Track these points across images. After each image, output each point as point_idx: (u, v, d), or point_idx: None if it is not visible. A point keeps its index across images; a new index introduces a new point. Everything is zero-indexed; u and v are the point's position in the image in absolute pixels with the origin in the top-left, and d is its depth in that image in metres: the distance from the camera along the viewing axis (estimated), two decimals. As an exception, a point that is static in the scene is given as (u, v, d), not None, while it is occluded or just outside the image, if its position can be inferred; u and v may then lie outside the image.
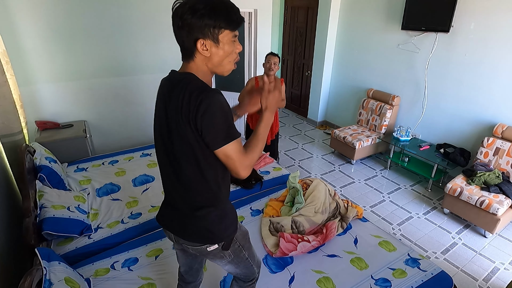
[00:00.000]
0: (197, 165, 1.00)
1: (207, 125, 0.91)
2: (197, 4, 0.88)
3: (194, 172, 1.01)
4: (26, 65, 2.75)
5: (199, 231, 1.10)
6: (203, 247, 1.12)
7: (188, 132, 0.93)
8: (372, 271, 1.74)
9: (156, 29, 3.31)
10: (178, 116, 0.93)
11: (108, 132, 3.44)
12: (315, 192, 2.16)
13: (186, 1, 0.90)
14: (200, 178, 1.02)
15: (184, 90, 0.93)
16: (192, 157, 0.98)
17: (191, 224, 1.10)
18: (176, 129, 0.96)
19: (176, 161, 1.02)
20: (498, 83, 2.89)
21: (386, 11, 3.71)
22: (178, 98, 0.93)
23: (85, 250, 1.82)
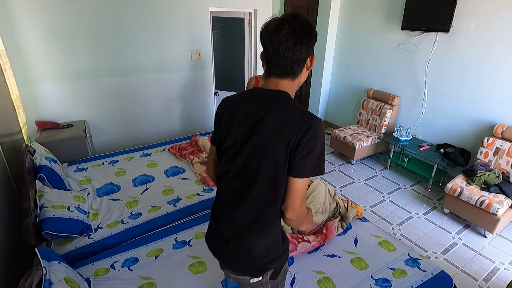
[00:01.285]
0: (273, 187, 0.95)
1: (307, 151, 0.89)
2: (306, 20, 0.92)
3: (267, 194, 0.97)
4: (26, 65, 2.75)
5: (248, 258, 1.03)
6: (244, 278, 1.06)
7: (280, 151, 0.90)
8: (372, 271, 1.74)
9: (156, 29, 3.31)
10: (274, 134, 0.90)
11: (108, 132, 3.44)
12: (315, 192, 2.16)
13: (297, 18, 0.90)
14: (270, 201, 0.98)
15: (290, 109, 0.92)
16: (271, 177, 0.94)
17: (242, 249, 1.03)
18: (263, 146, 0.92)
19: (249, 179, 0.97)
20: (498, 83, 2.89)
21: (386, 11, 3.71)
22: (277, 115, 0.91)
23: (85, 250, 1.81)
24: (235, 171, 1.00)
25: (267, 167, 0.93)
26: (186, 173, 2.66)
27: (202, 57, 3.75)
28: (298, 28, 0.89)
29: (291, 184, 0.94)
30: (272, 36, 0.89)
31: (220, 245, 1.10)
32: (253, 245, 1.02)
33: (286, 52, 0.90)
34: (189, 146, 3.07)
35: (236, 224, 1.03)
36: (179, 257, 1.79)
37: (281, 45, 0.89)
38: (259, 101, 0.97)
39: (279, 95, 0.95)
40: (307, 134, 0.88)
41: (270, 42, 0.90)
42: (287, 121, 0.90)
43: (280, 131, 0.90)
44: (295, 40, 0.89)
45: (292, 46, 0.89)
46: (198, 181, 2.54)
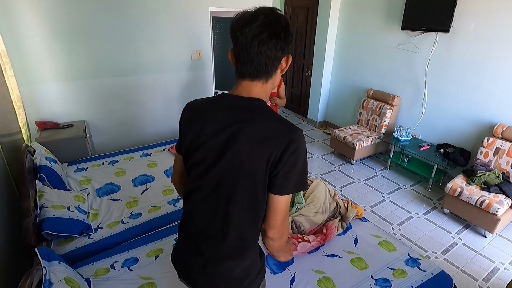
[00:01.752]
0: (253, 206, 0.87)
1: (289, 167, 0.82)
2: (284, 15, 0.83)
3: (247, 214, 0.88)
4: (26, 65, 2.75)
5: (231, 284, 0.95)
6: None
7: (260, 168, 0.82)
8: (372, 271, 1.74)
9: (156, 29, 3.31)
10: (253, 149, 0.81)
11: (108, 132, 3.44)
12: (315, 192, 2.16)
13: (273, 11, 0.82)
14: (250, 222, 0.90)
15: (268, 121, 0.84)
16: (251, 196, 0.86)
17: (221, 276, 0.94)
18: (241, 162, 0.83)
19: (225, 198, 0.88)
20: (498, 83, 2.89)
21: (386, 11, 3.71)
22: (254, 128, 0.83)
23: (85, 250, 1.81)
24: (208, 189, 0.90)
25: (245, 185, 0.85)
26: (186, 173, 2.66)
27: (202, 57, 3.74)
28: (275, 21, 0.80)
29: (273, 202, 0.86)
30: (245, 28, 0.79)
31: (195, 272, 0.97)
32: (232, 268, 0.93)
33: (260, 46, 0.80)
34: (189, 146, 3.06)
35: (213, 248, 0.93)
36: (179, 257, 1.79)
37: (255, 38, 0.79)
38: (232, 112, 0.86)
39: (254, 104, 0.86)
40: (289, 149, 0.80)
41: (242, 34, 0.79)
42: (266, 135, 0.81)
43: (259, 146, 0.81)
44: (271, 32, 0.79)
45: (267, 40, 0.79)
46: (198, 181, 2.54)
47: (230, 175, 0.85)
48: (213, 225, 0.91)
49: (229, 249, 0.92)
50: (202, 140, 0.88)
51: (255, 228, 0.92)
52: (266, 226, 0.90)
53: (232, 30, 0.82)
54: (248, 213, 0.89)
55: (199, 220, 0.95)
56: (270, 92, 0.92)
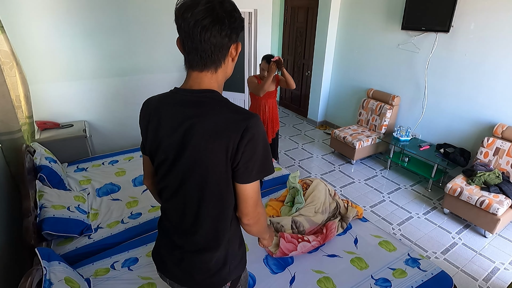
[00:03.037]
0: (218, 200, 0.87)
1: (248, 155, 0.80)
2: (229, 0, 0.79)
3: (214, 208, 0.88)
4: (27, 65, 2.75)
5: (203, 274, 0.96)
6: None
7: (219, 161, 0.80)
8: (372, 271, 1.74)
9: (156, 30, 3.31)
10: (208, 143, 0.79)
11: (108, 132, 3.44)
12: (315, 192, 2.16)
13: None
14: (218, 214, 0.90)
15: (220, 112, 0.81)
16: (215, 190, 0.85)
17: (197, 268, 0.95)
18: (200, 159, 0.81)
19: (191, 195, 0.87)
20: (498, 83, 2.89)
21: (386, 11, 3.71)
22: (208, 121, 0.80)
23: (85, 250, 1.81)
24: (174, 187, 0.89)
25: (208, 180, 0.84)
26: (186, 173, 2.66)
27: (202, 57, 3.74)
28: (218, 6, 0.75)
29: (240, 191, 0.85)
30: (187, 13, 0.74)
31: (172, 265, 0.99)
32: (208, 260, 0.93)
33: (203, 33, 0.75)
34: (189, 146, 3.06)
35: (187, 242, 0.94)
36: (179, 257, 1.78)
37: (197, 24, 0.74)
38: (184, 106, 0.83)
39: (206, 96, 0.83)
40: (245, 137, 0.78)
41: (184, 20, 0.75)
42: (220, 127, 0.79)
43: (214, 139, 0.79)
44: (214, 18, 0.74)
45: (210, 26, 0.74)
46: (198, 181, 2.54)
47: (191, 172, 0.84)
48: (185, 221, 0.92)
49: (203, 242, 0.93)
50: (160, 139, 0.87)
51: (224, 219, 0.91)
52: (240, 214, 0.91)
53: (175, 16, 0.77)
54: (214, 207, 0.89)
55: (171, 217, 0.97)
56: (223, 82, 0.89)
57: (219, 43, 0.78)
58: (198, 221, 0.90)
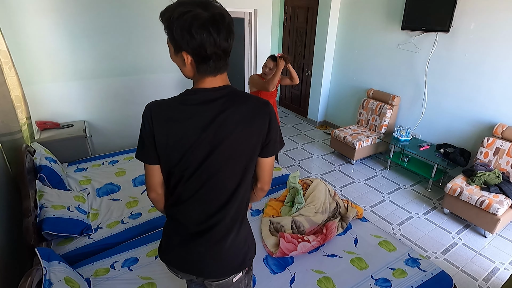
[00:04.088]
0: (246, 179, 0.96)
1: (273, 133, 0.94)
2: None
3: (245, 190, 0.98)
4: (27, 65, 2.75)
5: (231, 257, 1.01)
6: (229, 279, 1.02)
7: (255, 143, 0.92)
8: (372, 271, 1.74)
9: (156, 29, 3.30)
10: (243, 130, 0.88)
11: (108, 132, 3.44)
12: (315, 192, 2.16)
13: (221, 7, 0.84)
14: (245, 194, 0.99)
15: (245, 102, 0.91)
16: (250, 172, 0.96)
17: (223, 251, 0.98)
18: (236, 145, 0.89)
19: (223, 184, 0.93)
20: (498, 83, 2.89)
21: (386, 11, 3.71)
22: (240, 111, 0.88)
23: (85, 250, 1.82)
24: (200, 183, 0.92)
25: (245, 165, 0.94)
26: (186, 173, 2.66)
27: (202, 57, 3.74)
28: (228, 19, 0.84)
29: (266, 164, 0.98)
30: (213, 28, 0.79)
31: (198, 258, 0.99)
32: (234, 241, 1.00)
33: (229, 42, 0.85)
34: (189, 146, 3.06)
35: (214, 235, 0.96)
36: (179, 257, 1.78)
37: (224, 36, 0.82)
38: (210, 104, 0.87)
39: (228, 91, 0.90)
40: (271, 119, 0.92)
41: (209, 34, 0.79)
42: (251, 114, 0.90)
43: (249, 126, 0.89)
44: (229, 31, 0.83)
45: (231, 37, 0.85)
46: (198, 181, 2.54)
47: (226, 163, 0.91)
48: (209, 213, 0.95)
49: (227, 228, 0.98)
50: (186, 142, 0.87)
51: (247, 198, 1.02)
52: (262, 183, 1.02)
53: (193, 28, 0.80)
54: (246, 189, 0.99)
55: (191, 213, 0.97)
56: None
57: (230, 48, 0.88)
58: (226, 208, 0.95)
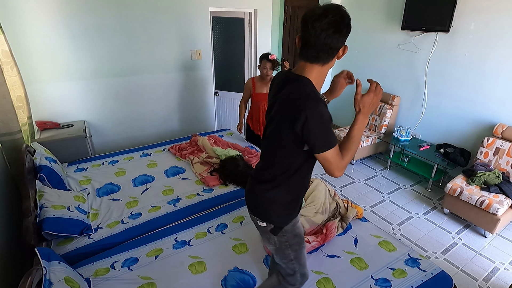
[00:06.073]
0: (281, 149, 1.15)
1: (308, 131, 1.04)
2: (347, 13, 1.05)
3: (276, 154, 1.18)
4: (27, 65, 2.75)
5: (255, 201, 1.28)
6: (254, 218, 1.30)
7: (284, 126, 1.09)
8: (372, 271, 1.74)
9: (156, 29, 3.31)
10: (281, 109, 1.11)
11: (108, 132, 3.45)
12: (315, 192, 2.15)
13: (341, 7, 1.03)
14: (275, 159, 1.19)
15: (294, 91, 1.08)
16: (280, 141, 1.14)
17: (253, 193, 1.29)
18: (276, 117, 1.13)
19: (268, 140, 1.22)
20: (498, 83, 2.88)
21: (386, 11, 3.71)
22: (286, 95, 1.09)
23: (85, 250, 1.81)
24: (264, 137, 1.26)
25: (276, 137, 1.15)
26: (186, 173, 2.66)
27: (202, 57, 3.74)
28: (340, 20, 1.01)
29: (317, 158, 1.11)
30: (316, 22, 1.00)
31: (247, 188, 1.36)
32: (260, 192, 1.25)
33: (327, 39, 1.01)
34: (189, 146, 3.07)
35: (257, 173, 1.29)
36: (179, 257, 1.79)
37: (323, 32, 1.00)
38: (283, 83, 1.14)
39: (297, 79, 1.10)
40: (301, 117, 1.01)
41: (313, 27, 1.00)
42: (288, 103, 1.08)
43: (283, 111, 1.10)
44: (336, 29, 1.00)
45: (332, 34, 1.01)
46: (198, 181, 2.54)
47: (270, 128, 1.18)
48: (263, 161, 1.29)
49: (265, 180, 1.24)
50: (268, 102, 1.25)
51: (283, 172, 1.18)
52: (329, 174, 1.14)
53: (304, 21, 1.04)
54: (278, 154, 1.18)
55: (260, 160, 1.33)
56: (326, 73, 1.13)
57: (335, 46, 1.05)
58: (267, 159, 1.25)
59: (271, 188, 1.22)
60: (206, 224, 2.07)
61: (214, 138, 3.16)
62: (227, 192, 2.41)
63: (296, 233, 1.31)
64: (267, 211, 1.25)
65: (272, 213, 1.25)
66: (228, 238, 1.95)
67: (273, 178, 1.21)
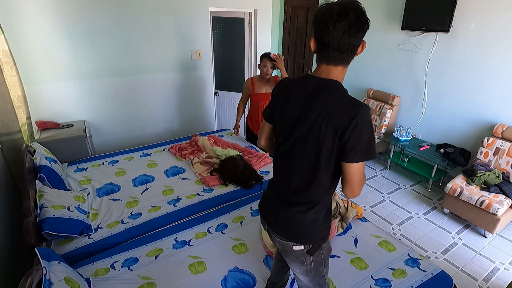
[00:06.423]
0: (317, 163, 1.04)
1: (355, 139, 0.95)
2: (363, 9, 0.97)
3: (312, 169, 1.06)
4: (27, 65, 2.75)
5: (291, 226, 1.15)
6: (289, 244, 1.16)
7: (327, 136, 0.98)
8: (372, 271, 1.74)
9: (156, 29, 3.31)
10: (322, 120, 0.98)
11: (108, 132, 3.45)
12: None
13: (358, 5, 0.94)
14: (314, 176, 1.06)
15: (337, 98, 0.99)
16: (316, 155, 1.03)
17: (287, 217, 1.15)
18: (311, 129, 1.00)
19: (297, 155, 1.08)
20: (498, 83, 2.88)
21: (386, 11, 3.71)
22: (327, 103, 0.98)
23: (85, 250, 1.81)
24: (285, 150, 1.12)
25: (311, 150, 1.03)
26: (186, 173, 2.66)
27: (202, 57, 3.75)
28: (361, 15, 0.94)
29: (346, 169, 1.01)
30: (338, 23, 0.92)
31: (271, 212, 1.22)
32: (297, 216, 1.13)
33: (351, 39, 0.95)
34: (189, 146, 3.07)
35: (286, 195, 1.15)
36: (179, 257, 1.79)
37: (347, 31, 0.93)
38: (311, 89, 1.03)
39: (330, 84, 1.01)
40: (352, 124, 0.93)
41: (335, 28, 0.93)
42: (334, 110, 0.97)
43: (328, 120, 0.97)
44: (359, 27, 0.94)
45: (355, 33, 0.94)
46: (198, 181, 2.54)
47: (300, 142, 1.05)
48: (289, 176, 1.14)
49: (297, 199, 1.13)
50: (287, 111, 1.09)
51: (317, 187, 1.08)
52: (345, 188, 1.05)
53: (322, 22, 0.94)
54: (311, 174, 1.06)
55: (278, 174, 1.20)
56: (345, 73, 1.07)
57: (357, 44, 0.99)
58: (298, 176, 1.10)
59: (310, 209, 1.11)
60: (206, 224, 2.07)
61: (214, 138, 3.16)
62: (227, 192, 2.41)
63: (328, 247, 1.24)
64: (309, 232, 1.13)
65: (313, 233, 1.14)
66: (228, 238, 1.95)
67: (312, 198, 1.10)
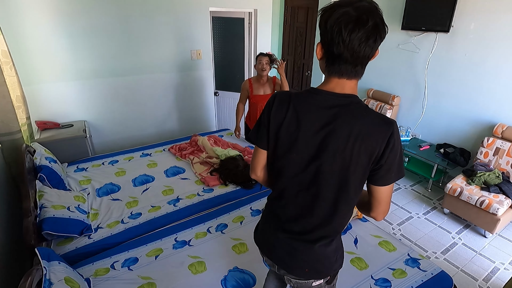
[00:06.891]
0: (347, 192, 0.89)
1: (391, 159, 0.84)
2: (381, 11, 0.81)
3: (340, 198, 0.91)
4: (27, 65, 2.75)
5: (313, 263, 1.01)
6: (308, 282, 1.04)
7: (360, 161, 0.84)
8: (372, 271, 1.74)
9: (156, 29, 3.31)
10: (353, 144, 0.82)
11: (108, 132, 3.45)
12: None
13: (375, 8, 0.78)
14: (343, 205, 0.92)
15: (364, 117, 0.83)
16: (345, 183, 0.87)
17: (310, 256, 1.00)
18: (338, 155, 0.84)
19: (322, 187, 0.90)
20: (498, 83, 2.88)
21: (386, 11, 3.69)
22: (355, 125, 0.82)
23: (85, 250, 1.81)
24: (305, 184, 0.92)
25: (339, 179, 0.87)
26: (186, 173, 2.66)
27: (202, 57, 3.75)
28: (380, 21, 0.78)
29: (379, 193, 0.90)
30: (354, 33, 0.76)
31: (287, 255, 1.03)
32: (321, 251, 0.99)
33: (367, 50, 0.79)
34: (189, 146, 3.07)
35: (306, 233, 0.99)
36: (179, 257, 1.79)
37: (363, 42, 0.77)
38: (329, 109, 0.85)
39: (352, 101, 0.85)
40: (390, 143, 0.82)
41: (349, 38, 0.76)
42: (365, 132, 0.82)
43: (360, 143, 0.82)
44: (377, 36, 0.78)
45: (372, 43, 0.79)
46: (198, 181, 2.54)
47: (330, 171, 0.87)
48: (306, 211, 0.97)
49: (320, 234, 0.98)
50: (301, 136, 0.89)
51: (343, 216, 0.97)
52: (375, 213, 0.95)
53: (336, 30, 0.77)
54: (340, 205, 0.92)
55: (293, 213, 0.99)
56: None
57: (372, 53, 0.82)
58: (319, 209, 0.94)
59: (331, 242, 1.00)
60: (206, 224, 2.07)
61: (214, 138, 3.16)
62: (227, 192, 2.41)
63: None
64: (330, 263, 1.03)
65: (334, 262, 1.04)
66: (228, 238, 1.95)
67: (337, 229, 0.99)
